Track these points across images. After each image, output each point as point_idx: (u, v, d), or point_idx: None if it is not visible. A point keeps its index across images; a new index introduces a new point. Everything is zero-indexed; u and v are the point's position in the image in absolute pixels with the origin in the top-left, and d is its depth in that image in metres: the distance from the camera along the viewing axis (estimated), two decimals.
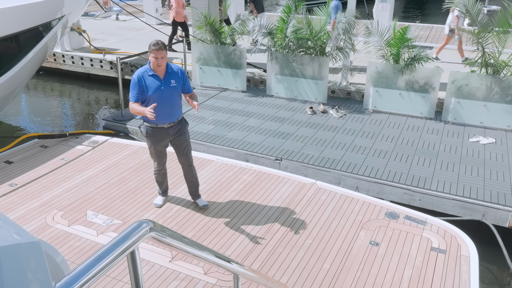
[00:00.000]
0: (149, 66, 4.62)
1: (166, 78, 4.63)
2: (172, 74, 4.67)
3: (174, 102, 4.70)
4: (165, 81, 4.62)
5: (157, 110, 4.48)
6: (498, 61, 7.33)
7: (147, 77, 4.59)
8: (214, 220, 5.05)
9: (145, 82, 4.56)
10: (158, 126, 4.71)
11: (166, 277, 4.17)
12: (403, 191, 5.88)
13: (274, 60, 8.72)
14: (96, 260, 1.28)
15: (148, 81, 4.57)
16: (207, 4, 9.95)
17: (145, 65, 4.68)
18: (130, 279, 1.46)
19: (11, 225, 1.13)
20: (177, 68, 4.75)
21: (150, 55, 4.51)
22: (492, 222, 5.47)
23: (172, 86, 4.65)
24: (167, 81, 4.62)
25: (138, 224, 1.45)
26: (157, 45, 4.46)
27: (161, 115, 4.60)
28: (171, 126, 4.75)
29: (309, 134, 7.34)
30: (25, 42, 7.50)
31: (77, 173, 6.10)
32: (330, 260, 4.44)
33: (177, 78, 4.68)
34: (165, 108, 4.63)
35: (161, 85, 4.59)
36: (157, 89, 4.57)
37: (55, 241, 4.66)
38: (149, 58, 4.56)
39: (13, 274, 0.98)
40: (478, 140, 7.05)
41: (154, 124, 4.69)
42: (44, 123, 9.81)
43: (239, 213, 5.19)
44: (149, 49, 4.51)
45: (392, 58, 7.91)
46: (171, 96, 4.65)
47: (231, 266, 2.19)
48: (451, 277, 4.24)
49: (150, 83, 4.57)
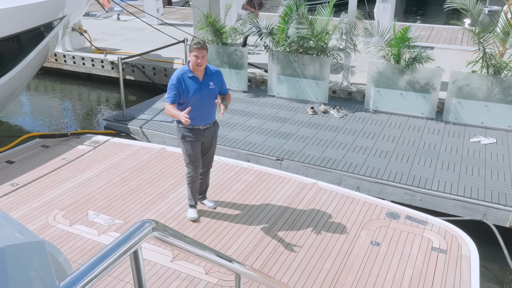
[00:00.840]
0: (188, 67, 4.54)
1: (205, 80, 4.56)
2: (211, 75, 4.60)
3: (212, 104, 4.64)
4: (204, 83, 4.55)
5: (195, 113, 4.48)
6: (499, 62, 7.33)
7: (187, 79, 4.51)
8: (215, 220, 5.06)
9: (184, 84, 4.49)
10: (194, 127, 4.64)
11: (168, 276, 4.18)
12: (404, 191, 5.88)
13: (275, 60, 8.73)
14: (99, 260, 1.28)
15: (187, 82, 4.50)
16: (208, 4, 9.96)
17: (183, 66, 4.60)
18: (133, 278, 1.47)
19: (15, 225, 1.13)
20: (215, 69, 4.68)
21: (191, 54, 4.44)
22: (493, 222, 5.47)
23: (211, 88, 4.58)
24: (206, 83, 4.56)
25: (141, 224, 1.45)
26: (199, 44, 4.41)
27: (198, 117, 4.58)
28: (207, 128, 4.71)
29: (310, 134, 7.35)
30: (26, 42, 7.52)
31: (78, 173, 6.11)
32: (331, 260, 4.44)
33: (215, 80, 4.62)
34: (203, 110, 4.59)
35: (201, 87, 4.53)
36: (197, 91, 4.51)
37: (56, 241, 4.67)
38: (190, 57, 4.49)
39: (17, 274, 0.99)
40: (479, 140, 7.05)
41: (191, 125, 4.62)
42: (46, 123, 9.83)
43: (240, 213, 5.20)
44: (190, 48, 4.46)
45: (393, 58, 7.92)
46: (210, 98, 4.58)
47: (232, 265, 2.20)
48: (452, 277, 4.24)
49: (190, 85, 4.50)
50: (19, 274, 1.00)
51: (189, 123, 4.34)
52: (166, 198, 5.50)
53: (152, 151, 6.76)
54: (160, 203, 5.38)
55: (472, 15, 7.54)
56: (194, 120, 4.51)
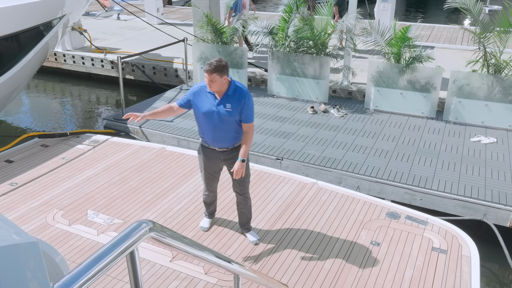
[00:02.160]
0: None
1: (222, 101, 4.05)
2: (232, 97, 4.04)
3: (229, 129, 4.11)
4: (220, 103, 4.04)
5: (208, 131, 4.13)
6: (500, 61, 7.31)
7: (204, 93, 4.11)
8: (215, 219, 5.04)
9: (200, 97, 4.11)
10: (210, 147, 4.24)
11: (167, 277, 4.16)
12: (404, 191, 5.86)
13: (275, 59, 8.71)
14: (95, 261, 1.27)
15: (203, 97, 4.10)
16: (208, 3, 9.94)
17: None
18: (130, 279, 1.45)
19: (9, 225, 1.12)
20: (241, 92, 4.07)
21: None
22: (493, 222, 5.45)
23: (227, 111, 4.03)
24: (222, 104, 4.04)
25: (138, 224, 1.44)
26: (208, 65, 3.91)
27: (213, 138, 4.16)
28: (224, 151, 4.22)
29: (310, 133, 7.33)
30: (25, 41, 7.50)
31: (77, 173, 6.09)
32: (331, 260, 4.43)
33: (235, 103, 4.03)
34: (217, 132, 4.12)
35: (215, 107, 4.05)
36: (209, 110, 4.06)
37: (55, 241, 4.65)
38: None
39: (10, 274, 0.98)
40: (479, 140, 7.04)
41: (206, 143, 4.24)
42: (45, 122, 9.82)
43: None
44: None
45: (393, 57, 7.90)
46: (225, 121, 4.06)
47: (231, 266, 2.19)
48: (452, 277, 4.22)
49: (204, 101, 4.09)
50: (12, 275, 0.98)
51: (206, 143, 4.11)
52: (166, 197, 5.49)
53: (151, 150, 6.75)
54: (159, 203, 5.37)
55: (473, 15, 7.52)
56: (207, 139, 4.18)
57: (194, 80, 9.77)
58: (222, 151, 4.22)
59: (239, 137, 4.21)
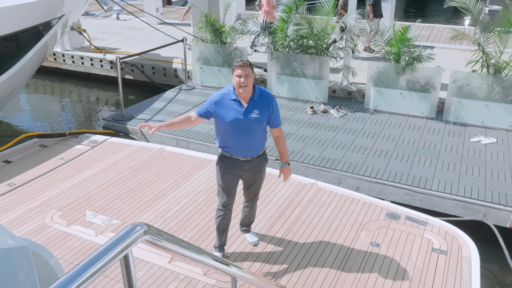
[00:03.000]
0: (233, 87, 3.89)
1: (249, 107, 3.83)
2: (258, 102, 3.86)
3: (255, 136, 3.92)
4: (247, 110, 3.83)
5: (232, 141, 3.91)
6: (499, 61, 7.29)
7: (228, 101, 3.86)
8: (213, 221, 5.01)
9: (223, 106, 3.86)
10: (232, 156, 3.98)
11: (165, 278, 4.14)
12: (404, 191, 5.84)
13: (274, 59, 8.69)
14: (88, 265, 1.24)
15: (227, 105, 3.85)
16: (207, 3, 9.92)
17: (229, 86, 3.95)
18: (124, 283, 1.43)
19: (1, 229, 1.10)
20: (266, 95, 3.93)
21: (233, 74, 3.82)
22: (493, 223, 5.43)
23: (255, 118, 3.83)
24: (249, 111, 3.83)
25: (132, 227, 1.41)
26: (241, 61, 3.79)
27: (237, 147, 3.94)
28: (248, 160, 4.00)
29: (310, 134, 7.31)
30: (25, 41, 7.48)
31: (76, 173, 6.07)
32: (330, 261, 4.40)
33: (262, 108, 3.86)
34: (243, 141, 3.90)
35: (241, 114, 3.83)
36: (235, 118, 3.82)
37: (53, 241, 4.63)
38: (232, 78, 3.86)
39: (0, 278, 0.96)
40: (479, 140, 7.01)
41: (229, 153, 3.98)
42: (44, 122, 9.79)
43: (239, 214, 5.15)
44: (232, 68, 3.86)
45: (393, 57, 7.87)
46: (252, 129, 3.87)
47: (229, 269, 2.16)
48: (452, 279, 4.20)
49: (229, 109, 3.84)
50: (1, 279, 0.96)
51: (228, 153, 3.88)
52: (165, 198, 5.46)
53: (150, 151, 6.72)
54: (158, 203, 5.35)
55: (473, 15, 7.50)
56: (232, 149, 3.93)
57: (193, 80, 9.75)
58: (246, 160, 3.99)
59: (263, 144, 4.05)
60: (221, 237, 4.37)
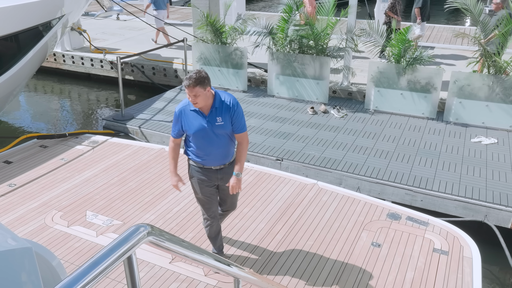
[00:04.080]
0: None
1: (211, 115, 3.75)
2: (220, 109, 3.76)
3: (224, 144, 3.85)
4: (210, 118, 3.74)
5: (202, 151, 3.84)
6: (500, 61, 7.29)
7: (189, 112, 3.79)
8: None
9: (186, 118, 3.80)
10: (205, 167, 3.92)
11: (166, 278, 4.13)
12: (404, 192, 5.83)
13: (275, 60, 8.68)
14: (91, 266, 1.24)
15: (189, 117, 3.79)
16: (207, 3, 9.91)
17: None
18: (127, 284, 1.42)
19: (4, 230, 1.09)
20: (229, 101, 3.79)
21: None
22: (494, 223, 5.43)
23: (218, 125, 3.75)
24: (212, 119, 3.74)
25: (136, 228, 1.41)
26: (189, 80, 3.55)
27: (209, 157, 3.86)
28: (221, 168, 3.94)
29: (310, 134, 7.30)
30: (24, 41, 7.47)
31: (76, 173, 6.06)
32: (331, 262, 4.40)
33: (224, 114, 3.76)
34: (213, 149, 3.83)
35: (205, 124, 3.75)
36: (200, 128, 3.76)
37: (54, 242, 4.62)
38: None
39: (3, 280, 0.95)
40: (480, 141, 7.01)
41: (201, 164, 3.92)
42: (44, 123, 9.79)
43: (239, 214, 5.15)
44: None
45: (394, 58, 7.87)
46: (219, 136, 3.80)
47: (231, 270, 2.16)
48: (454, 279, 4.20)
49: (192, 120, 3.77)
50: (5, 280, 0.95)
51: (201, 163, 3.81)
52: (165, 198, 5.46)
53: (151, 151, 6.71)
54: (159, 204, 5.34)
55: (473, 15, 7.50)
56: (203, 159, 3.86)
57: None
58: (219, 168, 3.92)
59: (233, 151, 3.98)
60: (215, 243, 4.31)
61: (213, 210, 4.08)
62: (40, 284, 1.04)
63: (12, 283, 0.96)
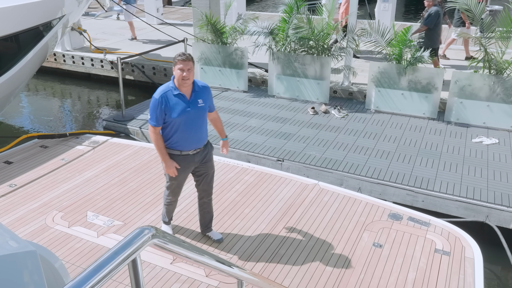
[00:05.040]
0: (173, 83, 4.00)
1: (193, 98, 4.02)
2: (200, 92, 4.06)
3: (202, 125, 4.12)
4: (192, 101, 4.01)
5: (182, 136, 4.03)
6: (501, 61, 7.28)
7: (172, 97, 3.97)
8: (216, 221, 5.00)
9: (169, 103, 3.96)
10: (182, 153, 4.11)
11: (167, 279, 4.12)
12: (406, 192, 5.82)
13: (275, 60, 8.67)
14: (95, 270, 1.22)
15: (172, 101, 3.96)
16: (208, 3, 9.90)
17: (167, 83, 4.04)
18: (132, 287, 1.41)
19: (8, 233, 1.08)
20: (203, 84, 4.15)
21: (175, 67, 3.92)
22: (496, 224, 5.41)
23: (200, 107, 4.03)
24: (194, 101, 4.01)
25: (140, 231, 1.40)
26: (183, 55, 3.92)
27: (187, 141, 4.07)
28: (197, 152, 4.15)
29: (311, 134, 7.29)
30: (25, 41, 7.46)
31: (77, 174, 6.05)
32: (333, 262, 4.39)
33: (204, 96, 4.08)
34: (192, 132, 4.06)
35: (188, 107, 3.98)
36: (183, 111, 3.97)
37: (55, 243, 4.61)
38: (174, 71, 3.96)
39: (8, 284, 0.94)
40: (481, 141, 7.00)
41: (178, 151, 4.09)
42: (44, 123, 9.77)
43: (241, 214, 5.14)
44: (173, 62, 3.96)
45: (394, 58, 7.86)
46: (199, 118, 4.06)
47: (235, 272, 2.15)
48: (456, 280, 4.19)
49: (175, 104, 3.96)
50: (10, 284, 0.94)
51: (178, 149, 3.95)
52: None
53: (151, 151, 6.70)
54: (160, 204, 5.32)
55: (473, 15, 7.48)
56: (181, 144, 4.04)
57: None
58: (196, 152, 4.15)
59: (207, 132, 4.27)
60: (170, 215, 4.68)
61: (179, 194, 4.47)
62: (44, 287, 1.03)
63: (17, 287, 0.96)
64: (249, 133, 7.36)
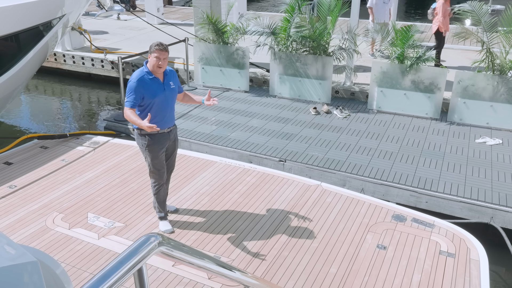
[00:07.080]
0: (147, 68, 4.38)
1: (166, 81, 4.48)
2: (170, 76, 4.54)
3: (173, 105, 4.60)
4: (166, 84, 4.47)
5: (159, 115, 4.41)
6: (505, 61, 7.22)
7: (148, 81, 4.35)
8: (217, 223, 4.95)
9: (146, 86, 4.33)
10: (159, 132, 4.48)
11: (170, 281, 4.07)
12: (409, 193, 5.77)
13: (277, 60, 8.62)
14: (100, 280, 1.17)
15: (149, 84, 4.35)
16: (209, 3, 9.85)
17: (140, 68, 4.42)
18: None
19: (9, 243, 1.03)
20: (170, 69, 4.60)
21: (152, 55, 4.31)
22: (501, 225, 5.36)
23: (172, 88, 4.52)
24: (167, 84, 4.48)
25: (146, 239, 1.34)
26: (161, 45, 4.31)
27: (164, 120, 4.48)
28: (170, 130, 4.62)
29: (313, 135, 7.24)
30: (25, 41, 7.41)
31: (77, 175, 6.00)
32: (336, 264, 4.34)
33: (174, 79, 4.56)
34: (168, 112, 4.51)
35: (163, 88, 4.43)
36: (160, 92, 4.39)
37: (55, 245, 4.56)
38: (150, 58, 4.34)
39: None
40: (484, 141, 6.95)
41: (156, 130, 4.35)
42: (44, 123, 9.72)
43: (242, 216, 5.09)
44: (150, 50, 4.32)
45: (397, 58, 7.81)
46: (172, 99, 4.55)
47: (251, 281, 2.09)
48: (461, 282, 4.13)
49: (152, 86, 4.36)
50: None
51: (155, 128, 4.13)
52: (167, 200, 5.38)
53: None
54: None
55: (476, 15, 7.42)
56: (158, 123, 4.37)
57: (195, 80, 9.67)
58: (170, 130, 4.59)
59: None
60: (164, 207, 4.85)
61: (165, 174, 4.69)
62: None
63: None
64: (251, 133, 7.31)
